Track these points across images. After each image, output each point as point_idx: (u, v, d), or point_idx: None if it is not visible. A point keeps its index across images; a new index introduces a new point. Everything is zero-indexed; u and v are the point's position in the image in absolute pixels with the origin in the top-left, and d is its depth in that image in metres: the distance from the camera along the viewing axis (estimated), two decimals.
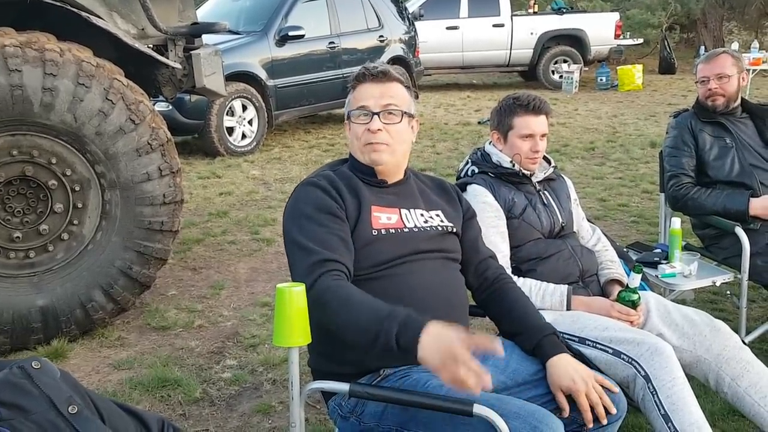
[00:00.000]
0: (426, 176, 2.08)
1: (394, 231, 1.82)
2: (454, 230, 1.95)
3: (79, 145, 3.20)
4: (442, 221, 1.92)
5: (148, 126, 3.29)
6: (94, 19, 3.31)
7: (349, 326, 1.62)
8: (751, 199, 2.83)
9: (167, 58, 3.76)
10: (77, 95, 3.13)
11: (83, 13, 3.30)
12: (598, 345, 2.12)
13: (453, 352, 1.43)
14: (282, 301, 1.49)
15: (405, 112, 1.88)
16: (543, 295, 2.29)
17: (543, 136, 2.44)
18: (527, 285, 2.30)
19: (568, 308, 2.28)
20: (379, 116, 1.84)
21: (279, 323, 1.50)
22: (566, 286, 2.30)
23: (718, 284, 2.89)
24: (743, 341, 2.32)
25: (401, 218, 1.86)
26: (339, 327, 1.65)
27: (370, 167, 1.89)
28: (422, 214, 1.91)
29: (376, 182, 1.90)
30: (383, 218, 1.83)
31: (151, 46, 3.76)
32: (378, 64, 1.92)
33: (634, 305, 2.23)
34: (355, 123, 1.88)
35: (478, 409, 1.49)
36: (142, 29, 3.73)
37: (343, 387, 1.65)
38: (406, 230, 1.84)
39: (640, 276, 2.27)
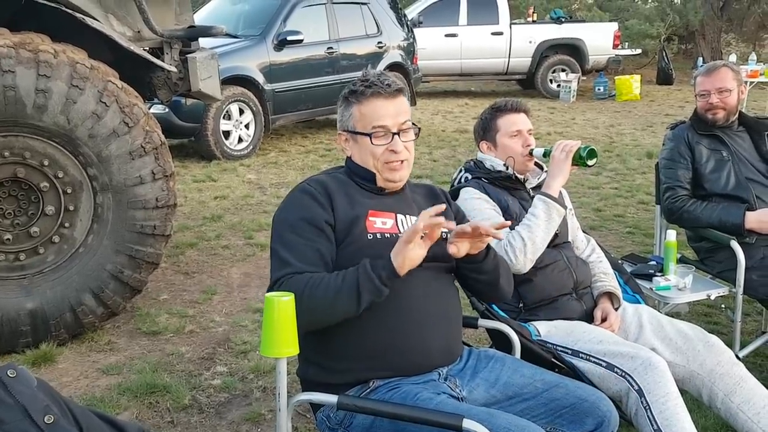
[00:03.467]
0: (416, 184, 2.08)
1: (389, 236, 1.80)
2: (446, 236, 1.92)
3: (71, 147, 3.17)
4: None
5: (142, 129, 3.27)
6: (89, 21, 3.29)
7: (325, 301, 1.65)
8: (746, 212, 2.81)
9: (163, 61, 3.73)
10: (71, 97, 3.10)
11: (78, 15, 3.28)
12: (591, 358, 2.11)
13: (416, 227, 1.60)
14: (270, 310, 1.47)
15: (414, 124, 1.89)
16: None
17: (530, 131, 2.47)
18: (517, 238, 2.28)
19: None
20: (399, 136, 1.84)
21: (267, 333, 1.47)
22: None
23: (712, 298, 2.87)
24: (737, 356, 2.31)
25: (396, 223, 1.85)
26: (314, 310, 1.65)
27: (371, 172, 1.88)
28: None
29: (375, 189, 1.89)
30: (378, 223, 1.82)
31: (147, 48, 3.74)
32: (383, 76, 1.88)
33: (584, 163, 2.31)
34: (374, 144, 1.85)
35: (468, 423, 1.46)
36: (138, 32, 3.71)
37: (331, 399, 1.63)
38: (401, 235, 1.81)
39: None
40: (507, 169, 2.44)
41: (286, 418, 1.64)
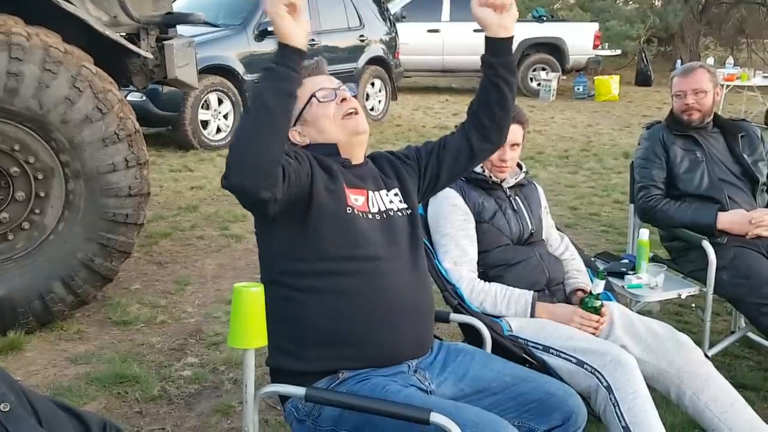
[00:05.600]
0: (371, 155, 2.03)
1: (361, 214, 1.80)
2: (412, 212, 1.92)
3: (43, 132, 3.11)
4: (401, 201, 1.91)
5: (116, 116, 3.22)
6: (64, 4, 3.23)
7: (250, 119, 1.61)
8: (718, 213, 2.84)
9: (139, 47, 3.68)
10: (43, 81, 3.05)
11: None
12: (562, 354, 2.12)
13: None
14: (239, 301, 1.45)
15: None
16: (508, 301, 2.28)
17: (513, 145, 2.41)
18: (493, 290, 2.29)
19: (532, 315, 2.27)
20: (339, 89, 1.87)
21: (235, 324, 1.46)
22: (531, 292, 2.29)
23: (683, 297, 2.90)
24: (706, 355, 2.34)
25: (367, 201, 1.84)
26: (248, 134, 1.59)
27: (333, 145, 1.86)
28: (386, 194, 1.90)
29: (340, 161, 1.86)
30: (352, 198, 1.81)
31: (123, 34, 3.69)
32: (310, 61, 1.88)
33: (596, 311, 2.23)
34: (322, 101, 1.85)
35: (435, 417, 1.46)
36: (115, 17, 3.65)
37: (299, 391, 1.61)
38: (370, 216, 1.82)
39: (603, 282, 2.27)
40: (483, 171, 2.44)
41: (253, 410, 1.62)
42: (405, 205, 1.91)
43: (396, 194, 1.92)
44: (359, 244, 1.76)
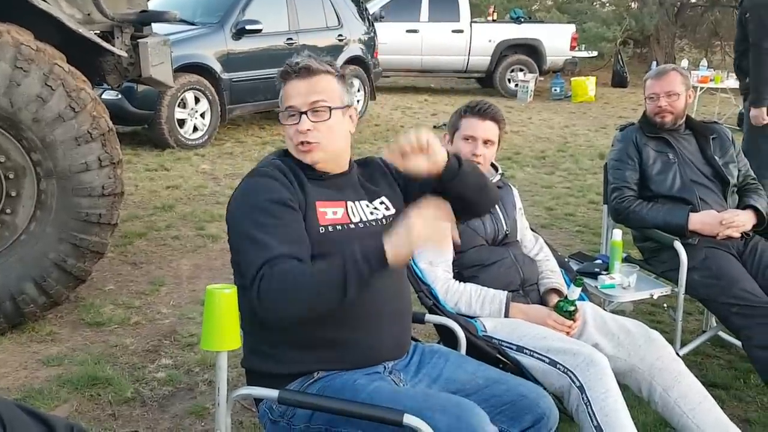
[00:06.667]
0: (363, 161, 2.00)
1: (340, 227, 1.76)
2: (397, 213, 1.88)
3: (14, 131, 3.06)
4: (387, 209, 1.87)
5: (89, 114, 3.18)
6: (36, 1, 3.18)
7: (312, 294, 1.57)
8: (690, 214, 2.88)
9: (113, 45, 3.64)
10: (14, 79, 3.00)
11: None
12: (535, 354, 2.13)
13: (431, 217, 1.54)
14: (212, 303, 1.44)
15: (333, 108, 1.77)
16: (482, 302, 2.29)
17: (487, 142, 2.42)
18: (468, 290, 2.30)
19: (506, 315, 2.29)
20: (307, 115, 1.75)
21: (208, 326, 1.45)
22: (505, 292, 2.31)
23: (655, 297, 2.94)
24: (677, 354, 2.37)
25: (347, 212, 1.80)
26: (300, 302, 1.57)
27: (307, 164, 1.80)
28: (367, 205, 1.84)
29: (316, 175, 1.80)
30: (329, 213, 1.76)
31: (97, 32, 3.64)
32: (302, 57, 1.79)
33: (570, 315, 2.25)
34: (284, 124, 1.79)
35: (408, 419, 1.47)
36: (88, 14, 3.61)
37: (272, 393, 1.60)
38: (352, 226, 1.78)
39: (580, 289, 2.29)
40: None
41: (226, 413, 1.61)
42: (391, 211, 1.87)
43: (381, 202, 1.88)
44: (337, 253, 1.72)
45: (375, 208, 1.86)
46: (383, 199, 1.89)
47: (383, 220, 1.85)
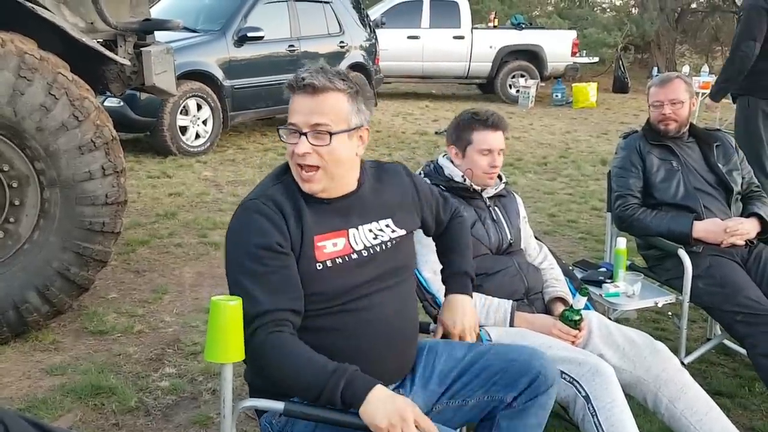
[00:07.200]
0: (383, 168, 1.90)
1: (341, 260, 1.70)
2: (406, 233, 1.85)
3: (18, 140, 3.07)
4: (393, 231, 1.80)
5: (93, 123, 3.18)
6: (39, 10, 3.19)
7: (289, 380, 1.59)
8: (694, 222, 2.87)
9: (116, 53, 3.65)
10: (18, 88, 3.00)
11: (28, 4, 3.17)
12: None
13: (403, 414, 1.48)
14: (216, 314, 1.44)
15: (334, 133, 1.66)
16: (487, 311, 2.29)
17: (501, 151, 2.44)
18: (472, 300, 2.29)
19: (511, 325, 2.28)
20: (307, 137, 1.66)
21: (212, 338, 1.44)
22: (510, 302, 2.30)
23: (660, 305, 2.93)
24: (682, 362, 2.36)
25: (348, 242, 1.72)
26: (278, 380, 1.61)
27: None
28: (371, 230, 1.76)
29: (317, 200, 1.72)
30: (329, 246, 1.69)
31: (100, 41, 3.65)
32: (312, 70, 1.68)
33: (575, 325, 2.24)
34: (285, 142, 1.71)
35: None
36: (91, 23, 3.62)
37: (278, 406, 1.60)
38: (354, 256, 1.72)
39: (585, 299, 2.28)
40: (465, 180, 2.44)
41: (231, 425, 1.61)
42: (399, 233, 1.81)
43: (387, 225, 1.80)
44: (337, 293, 1.69)
45: (380, 230, 1.79)
46: (389, 221, 1.81)
47: (388, 242, 1.79)
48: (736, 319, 2.65)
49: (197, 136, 7.36)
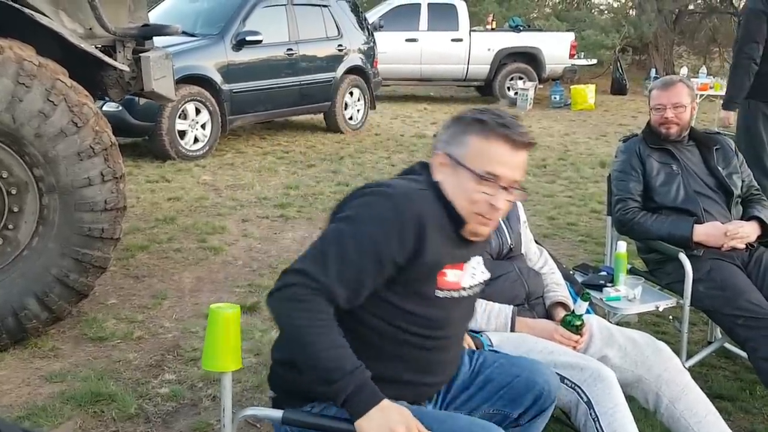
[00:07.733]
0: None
1: (450, 296, 1.70)
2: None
3: (17, 146, 3.06)
4: (482, 272, 1.83)
5: (92, 129, 3.18)
6: (37, 17, 3.19)
7: (305, 354, 1.51)
8: (695, 225, 2.87)
9: (115, 59, 3.64)
10: (17, 95, 3.00)
11: (27, 10, 3.17)
12: None
13: (394, 429, 1.45)
14: (214, 323, 1.43)
15: (523, 189, 1.72)
16: (488, 316, 2.28)
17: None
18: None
19: (512, 330, 2.27)
20: (507, 191, 1.65)
21: (210, 346, 1.43)
22: (511, 307, 2.30)
23: (660, 309, 2.92)
24: (684, 365, 2.36)
25: (463, 275, 1.74)
26: (294, 347, 1.53)
27: (461, 217, 1.68)
28: (473, 267, 1.78)
29: (455, 235, 1.69)
30: (450, 276, 1.69)
31: (99, 46, 3.64)
32: (518, 123, 1.70)
33: (577, 330, 2.24)
34: (477, 189, 1.64)
35: None
36: (90, 29, 3.61)
37: (276, 414, 1.59)
38: (464, 293, 1.74)
39: (587, 303, 2.28)
40: None
41: None
42: (486, 275, 1.84)
43: (479, 263, 1.82)
44: (438, 326, 1.70)
45: (481, 271, 1.81)
46: (480, 259, 1.82)
47: (478, 286, 1.81)
48: (737, 323, 2.65)
49: (196, 140, 7.35)
